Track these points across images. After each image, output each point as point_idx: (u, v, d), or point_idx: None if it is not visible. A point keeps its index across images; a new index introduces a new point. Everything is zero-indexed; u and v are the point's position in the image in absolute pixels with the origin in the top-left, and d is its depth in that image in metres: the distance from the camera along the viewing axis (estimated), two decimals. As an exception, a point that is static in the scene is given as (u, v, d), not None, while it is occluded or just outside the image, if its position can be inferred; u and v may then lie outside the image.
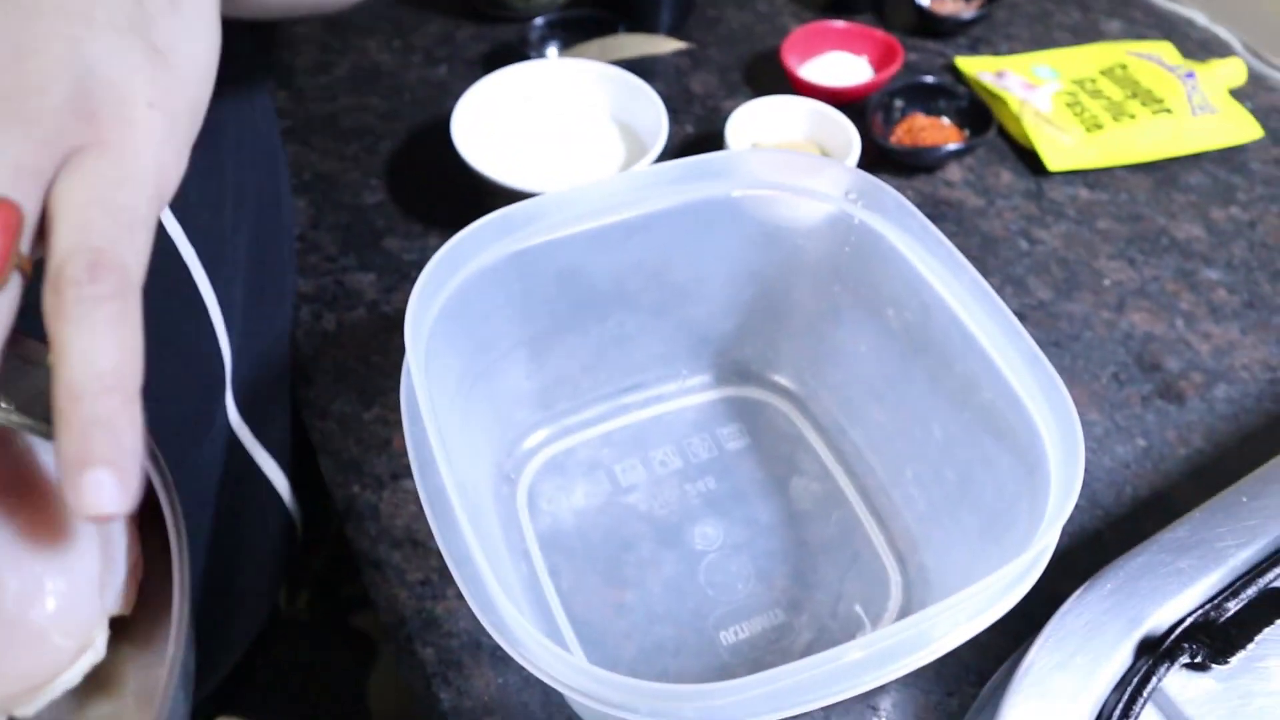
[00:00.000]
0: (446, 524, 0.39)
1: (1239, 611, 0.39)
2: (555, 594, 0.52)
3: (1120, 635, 0.40)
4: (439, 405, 0.46)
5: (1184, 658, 0.39)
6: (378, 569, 0.55)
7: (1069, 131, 0.76)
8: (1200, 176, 0.76)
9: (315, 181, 0.74)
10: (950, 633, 0.36)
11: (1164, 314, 0.67)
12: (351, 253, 0.69)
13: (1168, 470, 0.59)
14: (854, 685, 0.35)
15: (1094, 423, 0.61)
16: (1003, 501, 0.45)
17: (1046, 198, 0.74)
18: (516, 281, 0.51)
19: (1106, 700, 0.39)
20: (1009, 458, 0.45)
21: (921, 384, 0.51)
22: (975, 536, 0.47)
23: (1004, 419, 0.45)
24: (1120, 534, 0.56)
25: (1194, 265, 0.70)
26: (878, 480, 0.55)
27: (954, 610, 0.36)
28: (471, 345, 0.51)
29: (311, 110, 0.80)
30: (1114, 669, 0.40)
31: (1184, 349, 0.65)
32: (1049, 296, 0.67)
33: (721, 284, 0.57)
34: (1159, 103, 0.78)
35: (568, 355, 0.56)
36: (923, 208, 0.73)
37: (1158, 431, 0.60)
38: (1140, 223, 0.73)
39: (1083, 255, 0.70)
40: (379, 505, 0.57)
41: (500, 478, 0.56)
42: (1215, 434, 0.60)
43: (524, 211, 0.49)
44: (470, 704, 0.50)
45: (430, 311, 0.46)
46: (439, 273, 0.46)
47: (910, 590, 0.51)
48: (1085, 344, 0.65)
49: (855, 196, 0.51)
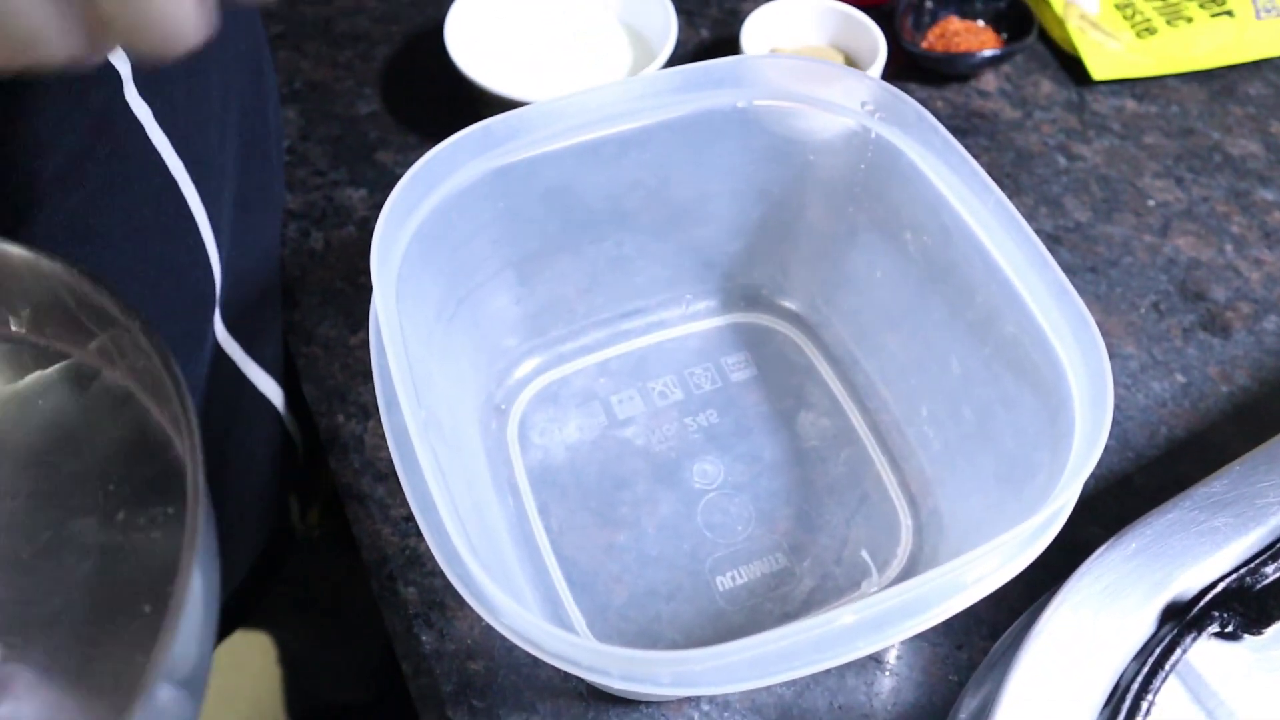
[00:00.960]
0: (411, 466, 0.36)
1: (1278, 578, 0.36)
2: (544, 533, 0.49)
3: (1144, 599, 0.37)
4: (414, 334, 0.43)
5: (1213, 626, 0.36)
6: (360, 503, 0.52)
7: (1118, 36, 0.70)
8: (1261, 87, 0.70)
9: (306, 90, 0.70)
10: (952, 597, 0.33)
11: (1212, 238, 0.61)
12: (342, 166, 0.66)
13: (1207, 409, 0.54)
14: (845, 653, 0.32)
15: (1129, 356, 0.56)
16: (1023, 447, 0.41)
17: (1089, 110, 0.68)
18: (501, 199, 0.47)
19: (1125, 671, 0.36)
20: (1031, 398, 0.41)
21: (940, 314, 0.47)
22: (992, 483, 0.43)
23: (1027, 356, 0.41)
24: (1152, 479, 0.52)
25: (1249, 185, 0.64)
26: (891, 417, 0.51)
27: (956, 573, 0.32)
28: (453, 268, 0.47)
29: (304, 14, 0.76)
30: (1136, 636, 0.36)
31: (1232, 276, 0.60)
32: (1087, 218, 0.62)
33: (727, 203, 0.52)
34: (1220, 4, 0.71)
35: (560, 278, 0.52)
36: (953, 120, 0.68)
37: (1199, 367, 0.56)
38: (1191, 138, 0.67)
39: (1126, 173, 0.65)
40: (364, 436, 0.54)
41: (489, 408, 0.52)
42: (1262, 370, 0.56)
43: (506, 125, 0.45)
44: (453, 646, 0.47)
45: (403, 234, 0.43)
46: (411, 192, 0.43)
47: (921, 536, 0.48)
48: (1124, 270, 0.60)
49: (873, 108, 0.47)
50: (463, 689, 0.46)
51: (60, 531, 0.31)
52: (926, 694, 0.46)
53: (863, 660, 0.46)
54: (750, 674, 0.32)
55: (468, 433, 0.48)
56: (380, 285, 0.39)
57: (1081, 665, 0.36)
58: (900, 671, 0.46)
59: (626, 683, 0.32)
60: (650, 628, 0.46)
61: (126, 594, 0.30)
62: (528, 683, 0.46)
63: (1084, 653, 0.36)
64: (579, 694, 0.46)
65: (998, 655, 0.42)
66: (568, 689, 0.46)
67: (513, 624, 0.33)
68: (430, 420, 0.40)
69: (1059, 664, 0.36)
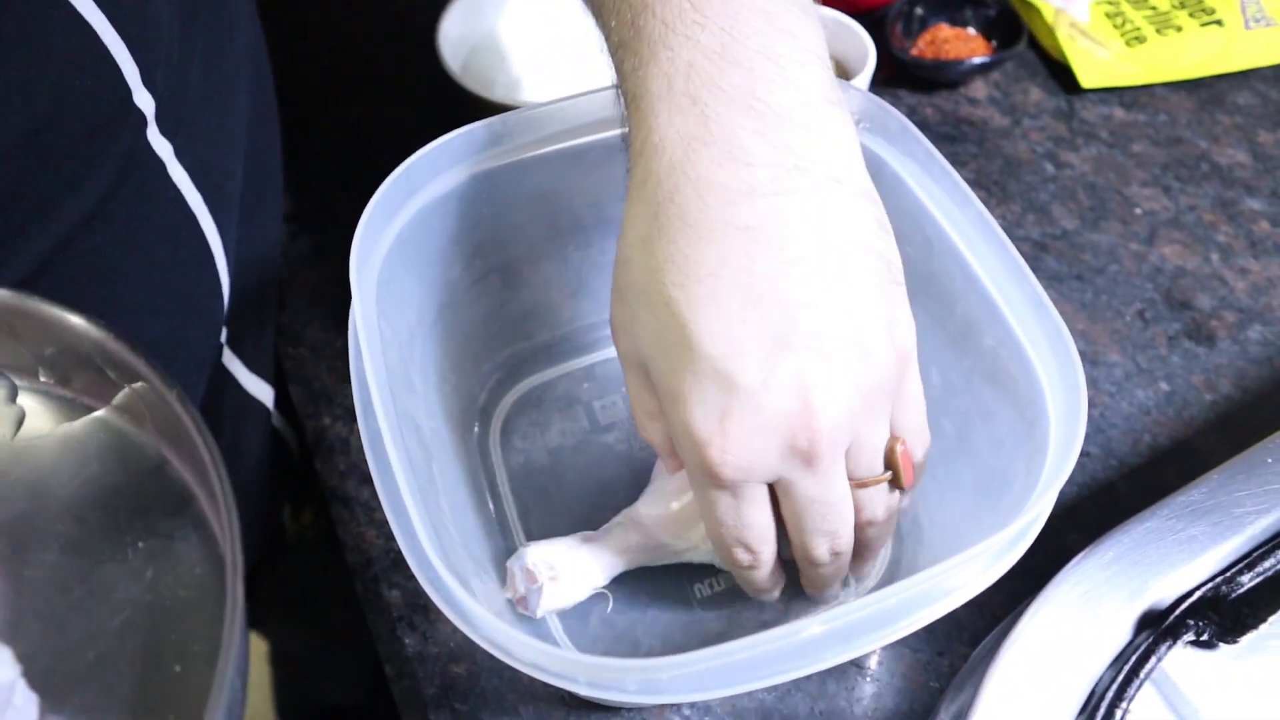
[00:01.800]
0: (386, 474, 0.36)
1: (1254, 587, 0.36)
2: (524, 537, 0.49)
3: (1121, 607, 0.37)
4: (395, 339, 0.43)
5: (1189, 635, 0.36)
6: (345, 506, 0.52)
7: (1107, 45, 0.70)
8: (1249, 96, 0.70)
9: (296, 92, 0.70)
10: (920, 610, 0.33)
11: (1198, 247, 0.62)
12: (332, 168, 0.66)
13: (1191, 418, 0.54)
14: (812, 663, 0.33)
15: (1114, 364, 0.56)
16: (1000, 459, 0.41)
17: (1078, 117, 0.69)
18: (486, 204, 0.47)
19: (1101, 678, 0.36)
20: (1008, 411, 0.41)
21: (922, 323, 0.46)
22: (970, 493, 0.44)
23: (1005, 369, 0.41)
24: (1135, 486, 0.52)
25: (1235, 194, 0.64)
26: (873, 425, 0.51)
27: (924, 586, 0.33)
28: (436, 273, 0.48)
29: (296, 14, 0.76)
30: (1112, 644, 0.37)
31: (1218, 285, 0.60)
32: (1074, 226, 0.63)
33: (713, 210, 0.52)
34: (1209, 13, 0.71)
35: (545, 283, 0.52)
36: (942, 126, 0.68)
37: (1183, 375, 0.56)
38: (1179, 146, 0.67)
39: (1113, 181, 0.65)
40: (349, 439, 0.55)
41: (473, 411, 0.53)
42: (1246, 379, 0.56)
43: (489, 130, 0.45)
44: (436, 650, 0.48)
45: (385, 239, 0.43)
46: (392, 197, 0.43)
47: (902, 544, 0.48)
48: (1110, 278, 0.60)
49: (858, 118, 0.47)
50: (445, 692, 0.46)
51: (91, 585, 0.32)
52: (907, 700, 0.46)
53: (844, 666, 0.46)
54: (717, 683, 0.32)
55: (449, 436, 0.48)
56: (360, 292, 0.40)
57: (1058, 672, 0.36)
58: (881, 677, 0.46)
59: (594, 690, 0.32)
60: (628, 633, 0.46)
61: (155, 651, 0.31)
62: (510, 686, 0.46)
63: (1060, 659, 0.36)
64: (560, 698, 0.46)
65: (976, 662, 0.43)
66: (549, 693, 0.46)
67: (483, 630, 0.33)
68: (408, 425, 0.40)
69: (1035, 670, 0.37)
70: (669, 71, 0.33)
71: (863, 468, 0.36)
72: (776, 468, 0.34)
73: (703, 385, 0.33)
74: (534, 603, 0.42)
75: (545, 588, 0.42)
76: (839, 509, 0.37)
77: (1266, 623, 0.35)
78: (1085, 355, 0.56)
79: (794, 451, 0.34)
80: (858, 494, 0.37)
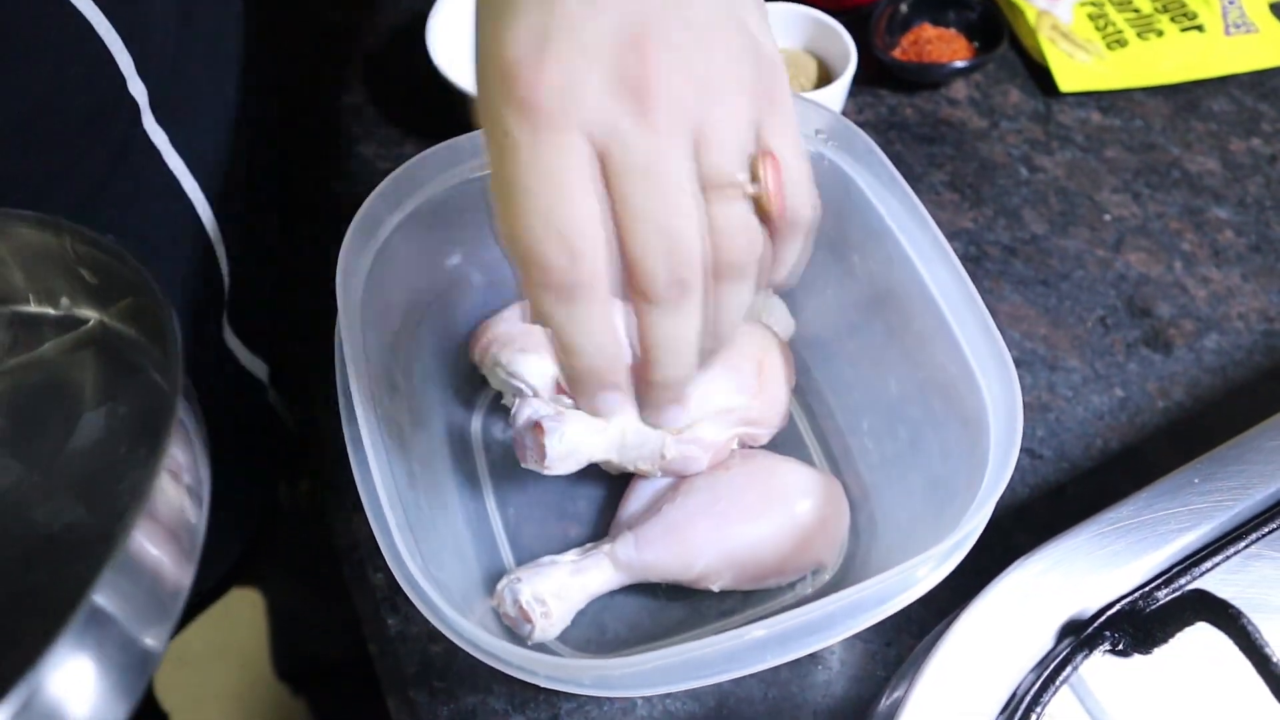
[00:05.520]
0: (365, 475, 0.39)
1: (1167, 603, 0.39)
2: (501, 525, 0.52)
3: (1047, 616, 0.40)
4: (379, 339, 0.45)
5: (1105, 645, 0.39)
6: (334, 491, 0.55)
7: (1088, 48, 0.71)
8: (1225, 103, 0.72)
9: (288, 82, 0.72)
10: (857, 616, 0.36)
11: (1163, 255, 0.64)
12: (324, 159, 0.68)
13: (1143, 424, 0.57)
14: (754, 663, 0.35)
15: (1073, 369, 0.59)
16: (947, 467, 0.44)
17: (1054, 121, 0.70)
18: (470, 211, 0.49)
19: (1023, 680, 0.39)
20: (956, 424, 0.44)
21: (881, 335, 0.49)
22: (920, 498, 0.46)
23: (954, 385, 0.43)
24: (1085, 489, 0.55)
25: (1203, 202, 0.66)
26: (835, 425, 0.54)
27: (863, 594, 0.35)
28: (423, 275, 0.50)
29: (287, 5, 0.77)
30: (1036, 650, 0.39)
31: (1179, 294, 0.62)
32: (1043, 230, 0.65)
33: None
34: (1191, 18, 0.73)
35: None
36: (921, 127, 0.69)
37: (1138, 382, 0.58)
38: (1151, 153, 0.69)
39: (1085, 186, 0.67)
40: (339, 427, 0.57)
41: (458, 403, 0.55)
42: (1198, 388, 0.58)
43: (472, 141, 0.47)
44: (416, 630, 0.50)
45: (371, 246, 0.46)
46: (379, 207, 0.45)
47: (858, 539, 0.51)
48: (1074, 284, 0.62)
49: (827, 136, 0.49)
50: (424, 670, 0.49)
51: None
52: (856, 688, 0.49)
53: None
54: (665, 680, 0.35)
55: (430, 434, 0.51)
56: (344, 304, 0.42)
57: (985, 672, 0.39)
58: (833, 666, 0.49)
59: (552, 684, 0.35)
60: (598, 618, 0.49)
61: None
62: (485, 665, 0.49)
63: (988, 661, 0.39)
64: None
65: (918, 656, 0.45)
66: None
67: (451, 624, 0.36)
68: (390, 426, 0.43)
69: (965, 670, 0.39)
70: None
71: (715, 167, 0.29)
72: (600, 110, 0.28)
73: (524, 9, 0.28)
74: (525, 633, 0.45)
75: (538, 625, 0.45)
76: (678, 200, 0.29)
77: (1174, 639, 0.38)
78: (1045, 360, 0.59)
79: (622, 84, 0.28)
80: (712, 209, 0.30)
